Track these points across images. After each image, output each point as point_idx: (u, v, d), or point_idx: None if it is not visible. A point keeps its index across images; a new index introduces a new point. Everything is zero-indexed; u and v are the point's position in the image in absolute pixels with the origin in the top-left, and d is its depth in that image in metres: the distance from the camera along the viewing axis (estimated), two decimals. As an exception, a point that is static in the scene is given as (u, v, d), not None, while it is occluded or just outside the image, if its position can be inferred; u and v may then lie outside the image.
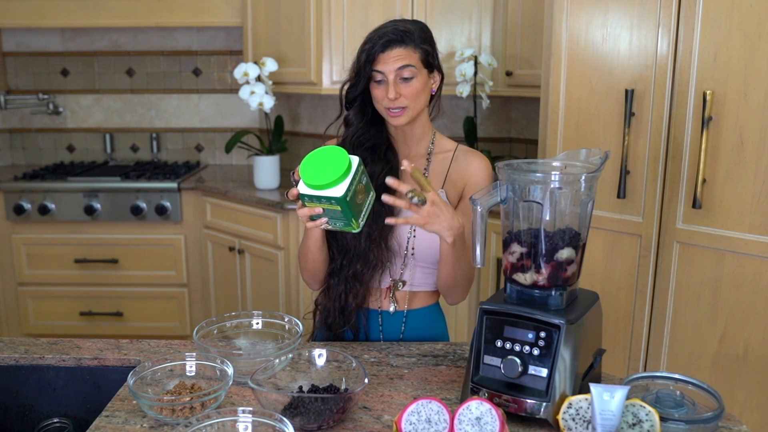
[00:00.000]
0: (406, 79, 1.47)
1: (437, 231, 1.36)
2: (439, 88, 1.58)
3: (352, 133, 1.57)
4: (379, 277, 1.57)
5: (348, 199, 1.24)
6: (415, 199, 1.30)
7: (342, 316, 1.59)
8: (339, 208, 1.26)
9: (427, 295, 1.64)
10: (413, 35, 1.48)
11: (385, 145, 1.57)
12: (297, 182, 1.30)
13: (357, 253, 1.53)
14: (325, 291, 1.62)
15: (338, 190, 1.23)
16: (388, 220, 1.34)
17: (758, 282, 1.90)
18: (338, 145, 1.55)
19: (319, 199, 1.25)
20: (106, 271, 3.43)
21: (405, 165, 1.34)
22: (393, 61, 1.46)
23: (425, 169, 1.59)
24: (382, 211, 1.48)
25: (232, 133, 3.63)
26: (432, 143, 1.61)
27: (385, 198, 1.32)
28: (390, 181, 1.32)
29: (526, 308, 1.21)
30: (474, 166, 1.59)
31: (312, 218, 1.32)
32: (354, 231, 1.31)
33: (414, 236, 1.55)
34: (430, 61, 1.52)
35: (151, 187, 3.33)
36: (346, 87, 1.55)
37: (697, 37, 1.92)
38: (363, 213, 1.30)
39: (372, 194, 1.33)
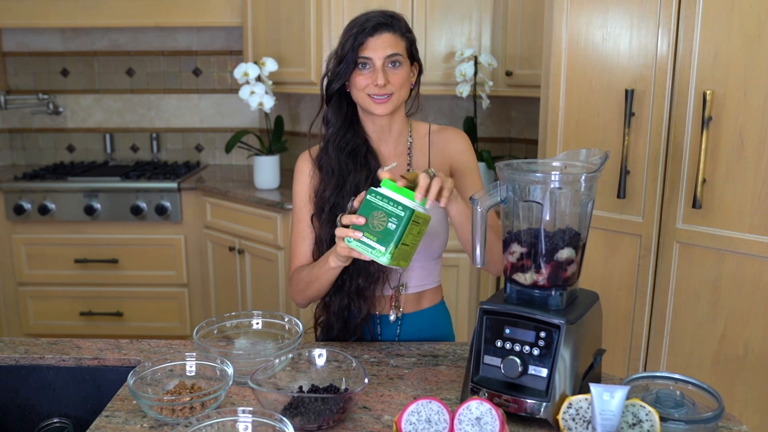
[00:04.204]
0: (393, 66, 1.44)
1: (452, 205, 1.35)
2: (418, 81, 1.55)
3: (332, 135, 1.53)
4: (381, 286, 1.55)
5: (411, 218, 1.24)
6: (431, 171, 1.29)
7: (345, 330, 1.56)
8: (401, 214, 1.24)
9: (432, 293, 1.63)
10: (400, 23, 1.46)
11: (364, 148, 1.53)
12: (355, 210, 1.31)
13: (357, 268, 1.49)
14: (325, 306, 1.58)
15: (412, 203, 1.25)
16: (430, 204, 1.29)
17: (758, 282, 1.90)
18: (321, 148, 1.55)
19: (388, 200, 1.25)
20: (106, 271, 3.43)
21: (384, 173, 1.31)
22: (383, 47, 1.42)
23: (408, 164, 1.57)
24: None
25: (232, 133, 3.63)
26: (410, 136, 1.58)
27: (381, 173, 1.29)
28: (382, 173, 1.29)
29: (526, 308, 1.21)
30: (452, 143, 1.57)
31: (346, 242, 1.29)
32: (380, 259, 1.26)
33: None
34: (413, 52, 1.50)
35: (151, 187, 3.33)
36: (326, 80, 1.50)
37: (697, 37, 1.92)
38: (400, 247, 1.26)
39: (414, 252, 1.32)
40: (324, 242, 1.52)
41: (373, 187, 1.28)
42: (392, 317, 1.58)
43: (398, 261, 1.27)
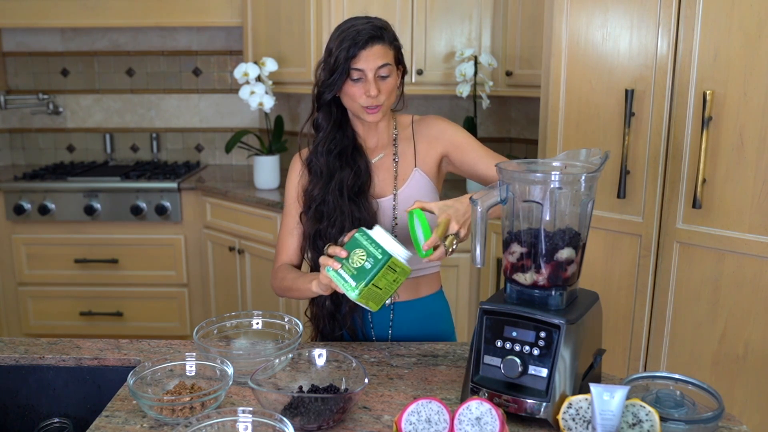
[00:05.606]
0: (383, 77, 1.48)
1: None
2: (402, 82, 1.59)
3: (322, 139, 1.58)
4: None
5: (388, 263, 1.30)
6: (455, 245, 1.34)
7: (334, 321, 1.59)
8: (379, 257, 1.30)
9: (429, 281, 1.64)
10: (389, 33, 1.50)
11: (351, 146, 1.59)
12: (344, 244, 1.36)
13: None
14: (313, 299, 1.62)
15: (394, 250, 1.31)
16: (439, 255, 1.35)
17: (758, 282, 1.90)
18: (311, 152, 1.60)
19: (372, 242, 1.31)
20: (106, 271, 3.43)
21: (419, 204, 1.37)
22: (374, 59, 1.46)
23: (394, 154, 1.60)
24: (362, 218, 1.51)
25: (232, 133, 3.63)
26: (395, 129, 1.63)
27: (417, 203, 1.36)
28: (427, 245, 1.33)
29: (526, 308, 1.21)
30: (433, 128, 1.61)
31: (326, 271, 1.34)
32: (349, 293, 1.31)
33: (396, 224, 1.57)
34: (400, 58, 1.55)
35: (151, 187, 3.33)
36: (318, 88, 1.55)
37: (697, 37, 1.92)
38: (370, 287, 1.31)
39: (387, 298, 1.37)
40: (310, 237, 1.57)
41: (363, 227, 1.35)
42: (387, 301, 1.58)
43: (367, 301, 1.33)
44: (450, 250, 1.33)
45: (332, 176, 1.55)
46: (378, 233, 1.33)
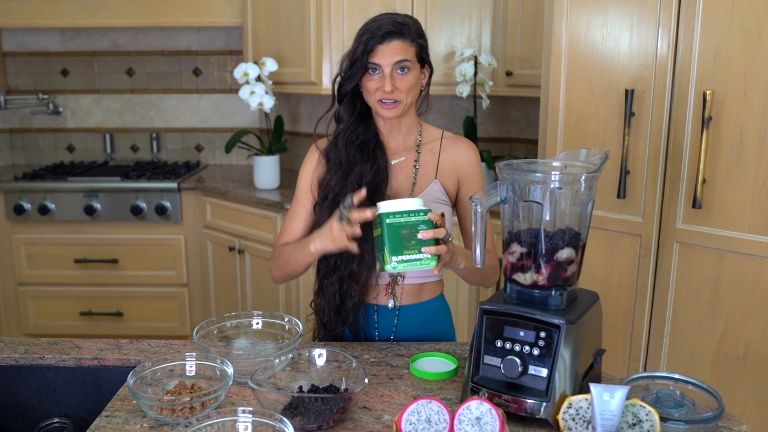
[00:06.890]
0: (401, 73, 1.48)
1: (453, 266, 1.43)
2: (428, 83, 1.59)
3: (344, 129, 1.58)
4: (376, 274, 1.57)
5: (428, 217, 1.32)
6: (449, 238, 1.37)
7: (338, 316, 1.58)
8: (426, 218, 1.31)
9: (432, 286, 1.64)
10: (410, 29, 1.50)
11: (373, 142, 1.58)
12: (352, 204, 1.37)
13: (350, 254, 1.51)
14: (319, 291, 1.61)
15: (422, 205, 1.34)
16: (435, 271, 1.37)
17: (758, 282, 1.90)
18: (330, 142, 1.60)
19: (406, 214, 1.32)
20: (106, 271, 3.43)
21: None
22: (391, 54, 1.46)
23: (416, 161, 1.60)
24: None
25: (232, 133, 3.63)
26: (420, 134, 1.62)
27: (427, 250, 1.35)
28: (431, 227, 1.34)
29: (526, 308, 1.21)
30: (463, 153, 1.61)
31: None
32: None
33: None
34: (423, 56, 1.53)
35: (151, 187, 3.33)
36: (338, 80, 1.55)
37: (697, 37, 1.92)
38: (405, 251, 1.32)
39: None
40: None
41: (381, 212, 1.33)
42: (390, 304, 1.59)
43: (404, 265, 1.33)
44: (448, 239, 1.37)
45: (351, 168, 1.55)
46: (394, 205, 1.33)
